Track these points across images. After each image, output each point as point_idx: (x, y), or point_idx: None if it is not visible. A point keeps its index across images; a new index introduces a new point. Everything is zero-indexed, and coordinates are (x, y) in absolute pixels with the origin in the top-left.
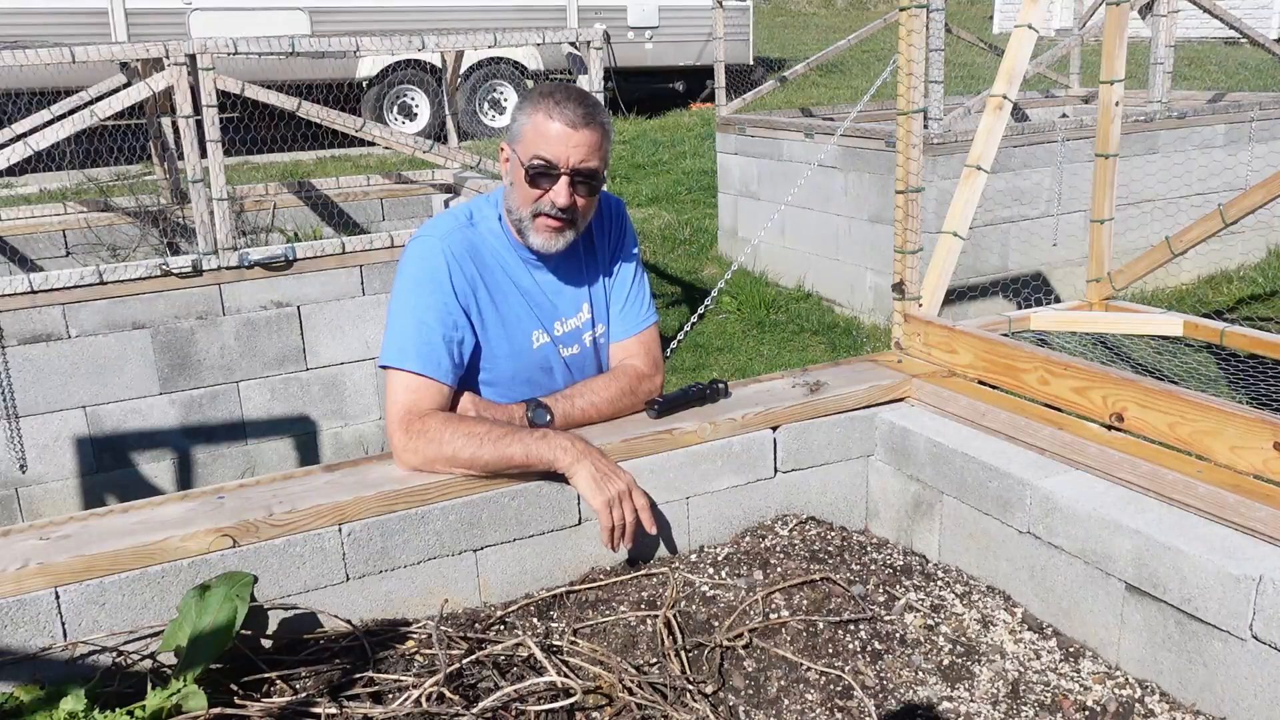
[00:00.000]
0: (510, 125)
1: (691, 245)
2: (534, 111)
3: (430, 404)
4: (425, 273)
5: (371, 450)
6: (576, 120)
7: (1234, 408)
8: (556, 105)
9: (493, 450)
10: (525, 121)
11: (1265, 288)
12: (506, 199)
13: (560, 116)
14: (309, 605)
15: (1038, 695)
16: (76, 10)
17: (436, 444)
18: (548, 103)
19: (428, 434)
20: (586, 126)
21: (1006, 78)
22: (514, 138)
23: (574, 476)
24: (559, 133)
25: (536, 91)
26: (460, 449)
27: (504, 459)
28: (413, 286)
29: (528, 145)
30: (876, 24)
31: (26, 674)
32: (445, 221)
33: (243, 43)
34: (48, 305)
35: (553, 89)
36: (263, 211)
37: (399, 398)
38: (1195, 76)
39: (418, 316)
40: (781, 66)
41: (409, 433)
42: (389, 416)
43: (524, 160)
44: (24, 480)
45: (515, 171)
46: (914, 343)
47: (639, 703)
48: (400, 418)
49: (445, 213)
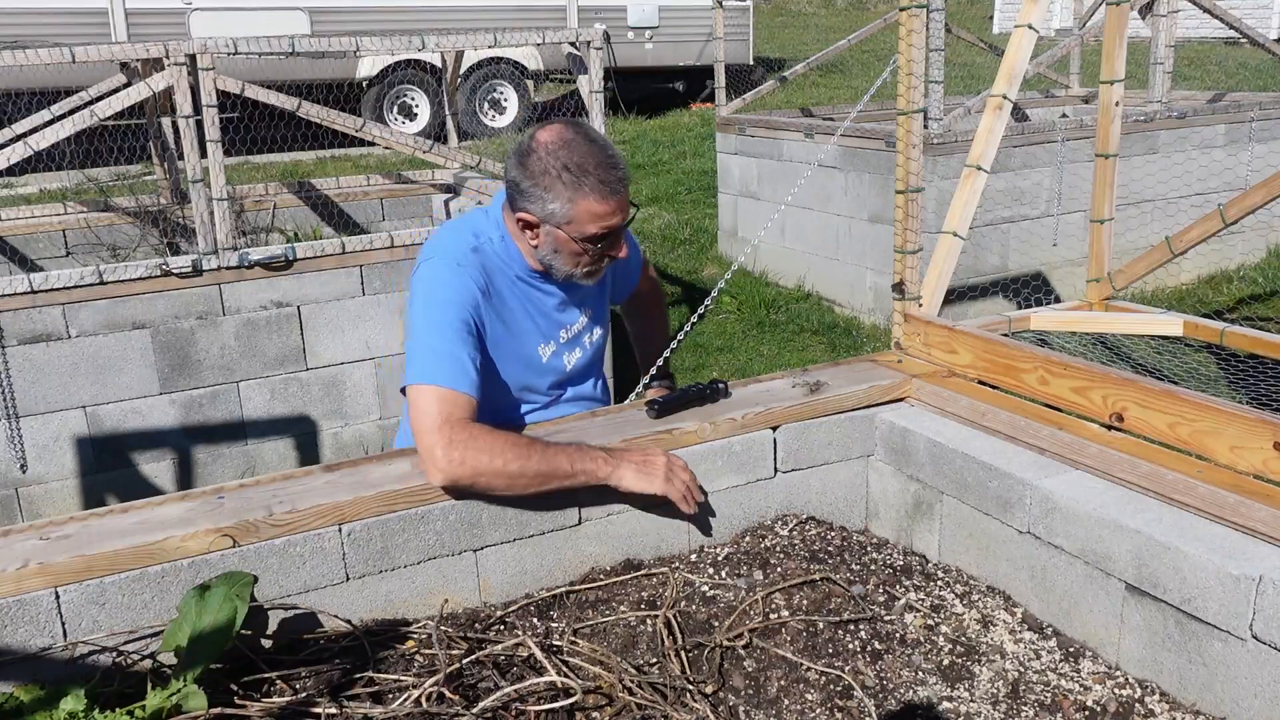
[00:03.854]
0: (541, 203)
1: (691, 245)
2: (577, 194)
3: (464, 416)
4: (444, 295)
5: (371, 450)
6: (621, 187)
7: (1234, 408)
8: (601, 183)
9: (540, 461)
10: (568, 206)
11: (1265, 288)
12: (537, 257)
13: (610, 193)
14: (309, 605)
15: (1038, 695)
16: (76, 10)
17: (487, 454)
18: (590, 181)
19: (475, 443)
20: (625, 181)
21: (1006, 78)
22: (556, 219)
23: (620, 482)
24: (614, 207)
25: (564, 167)
26: (510, 459)
27: (552, 469)
28: (433, 308)
29: (580, 226)
30: (876, 24)
31: (26, 674)
32: (453, 243)
33: (243, 43)
34: (48, 305)
35: (580, 159)
36: (263, 211)
37: (432, 409)
38: (1195, 76)
39: (442, 335)
40: (781, 66)
41: (452, 443)
42: (420, 430)
43: (576, 238)
44: (24, 480)
45: (560, 245)
46: (914, 343)
47: (639, 703)
48: (438, 428)
49: (449, 232)
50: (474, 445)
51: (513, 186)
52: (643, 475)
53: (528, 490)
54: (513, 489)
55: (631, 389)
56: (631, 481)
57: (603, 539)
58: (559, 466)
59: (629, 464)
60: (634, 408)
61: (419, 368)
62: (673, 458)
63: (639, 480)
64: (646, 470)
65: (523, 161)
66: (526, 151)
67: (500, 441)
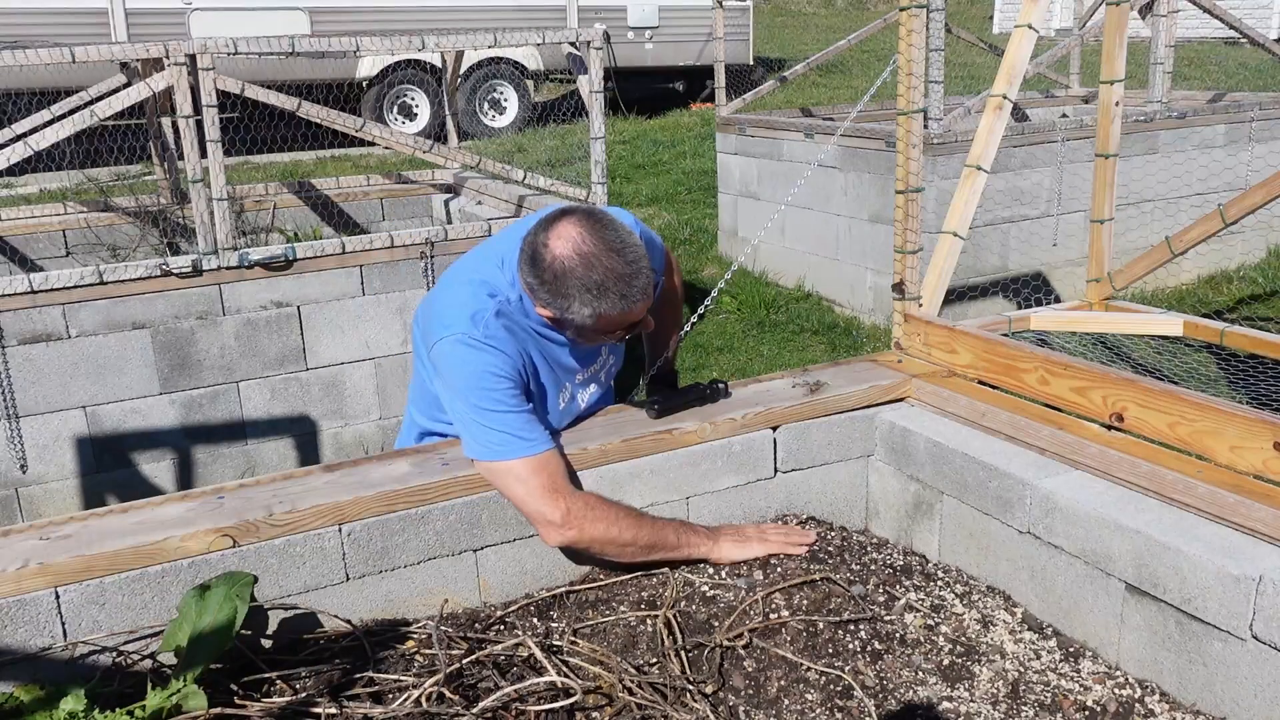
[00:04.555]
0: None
1: (691, 245)
2: (598, 308)
3: (564, 475)
4: (485, 369)
5: (371, 450)
6: (642, 296)
7: (1234, 408)
8: (622, 298)
9: (650, 533)
10: (590, 320)
11: (1265, 288)
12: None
13: (632, 305)
14: (309, 605)
15: (1038, 695)
16: (76, 10)
17: (604, 523)
18: (610, 299)
19: (593, 513)
20: (648, 288)
21: (1006, 78)
22: (574, 323)
23: (722, 555)
24: (638, 311)
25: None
26: (624, 529)
27: (660, 540)
28: (482, 384)
29: (606, 325)
30: (876, 24)
31: (26, 674)
32: (476, 307)
33: (243, 43)
34: (48, 305)
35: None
36: (263, 211)
37: (531, 480)
38: (1195, 76)
39: (505, 407)
40: (781, 66)
41: (570, 513)
42: (526, 501)
43: (604, 332)
44: (24, 480)
45: (582, 333)
46: (914, 343)
47: (639, 703)
48: (547, 497)
49: (466, 295)
50: (590, 515)
51: (529, 283)
52: (740, 545)
53: (635, 559)
54: (622, 556)
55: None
56: (731, 552)
57: None
58: (666, 539)
59: (726, 538)
60: (634, 408)
61: (497, 446)
62: (767, 528)
63: (738, 550)
64: (741, 539)
65: (537, 268)
66: (542, 262)
67: (614, 512)
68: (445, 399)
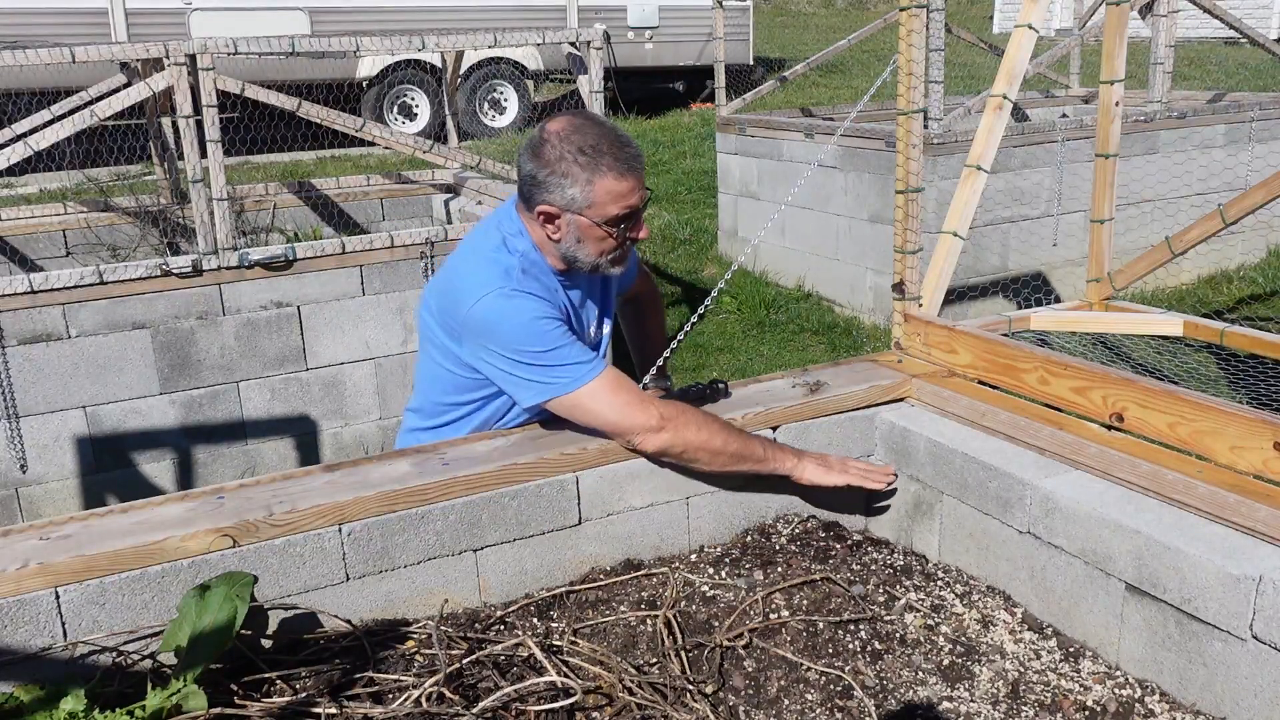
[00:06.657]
0: (560, 190)
1: (691, 245)
2: (594, 175)
3: (636, 387)
4: (533, 314)
5: (371, 450)
6: (636, 164)
7: (1234, 408)
8: (616, 160)
9: (739, 443)
10: (588, 189)
11: (1265, 288)
12: (560, 251)
13: (627, 169)
14: (309, 605)
15: (1038, 695)
16: (76, 10)
17: (695, 428)
18: (606, 160)
19: (685, 418)
20: (640, 159)
21: (1006, 78)
22: (577, 204)
23: (804, 475)
24: (632, 185)
25: (579, 150)
26: (714, 435)
27: (748, 451)
28: (534, 329)
29: (601, 209)
30: (876, 24)
31: (26, 674)
32: (503, 265)
33: (243, 43)
34: (48, 305)
35: (594, 141)
36: (263, 211)
37: (619, 397)
38: (1195, 76)
39: (559, 342)
40: (781, 66)
41: (664, 419)
42: (613, 416)
43: (600, 221)
44: (24, 480)
45: (583, 232)
46: (914, 343)
47: (639, 703)
48: (638, 405)
49: (487, 261)
50: (683, 419)
51: (528, 181)
52: (824, 470)
53: (725, 468)
54: (713, 464)
55: None
56: (814, 475)
57: (603, 539)
58: (754, 451)
59: (811, 460)
60: None
61: (567, 378)
62: (850, 460)
63: (821, 474)
64: (826, 465)
65: (536, 153)
66: (539, 143)
67: (705, 417)
68: (489, 360)
